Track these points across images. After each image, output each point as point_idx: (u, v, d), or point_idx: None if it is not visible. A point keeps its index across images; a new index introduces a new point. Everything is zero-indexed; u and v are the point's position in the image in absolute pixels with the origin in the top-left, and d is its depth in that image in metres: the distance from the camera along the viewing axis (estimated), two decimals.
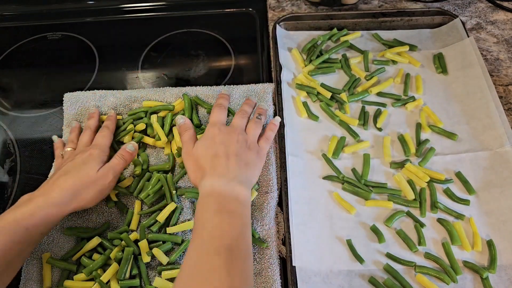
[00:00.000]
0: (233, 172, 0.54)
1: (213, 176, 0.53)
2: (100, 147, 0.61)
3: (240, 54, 0.83)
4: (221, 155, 0.55)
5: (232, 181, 0.53)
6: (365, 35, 0.80)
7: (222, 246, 0.46)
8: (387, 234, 0.58)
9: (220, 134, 0.58)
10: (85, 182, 0.56)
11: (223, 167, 0.54)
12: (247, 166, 0.56)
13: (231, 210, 0.50)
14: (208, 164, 0.55)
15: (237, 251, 0.46)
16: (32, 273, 0.56)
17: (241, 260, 0.46)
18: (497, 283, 0.53)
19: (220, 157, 0.55)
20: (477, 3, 0.85)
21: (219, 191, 0.51)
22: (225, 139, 0.58)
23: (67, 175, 0.56)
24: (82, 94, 0.72)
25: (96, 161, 0.58)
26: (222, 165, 0.54)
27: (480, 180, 0.61)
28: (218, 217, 0.49)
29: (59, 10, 0.94)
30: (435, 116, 0.68)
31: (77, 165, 0.57)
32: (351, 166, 0.64)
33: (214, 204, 0.50)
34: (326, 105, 0.70)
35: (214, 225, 0.48)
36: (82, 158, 0.58)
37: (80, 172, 0.56)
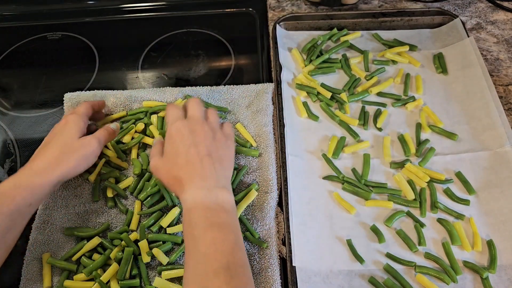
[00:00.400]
0: (211, 178, 0.51)
1: (191, 187, 0.50)
2: (76, 112, 0.61)
3: (240, 54, 0.83)
4: (193, 159, 0.51)
5: (213, 188, 0.50)
6: (365, 35, 0.80)
7: (219, 267, 0.44)
8: (387, 234, 0.58)
9: (184, 134, 0.53)
10: (65, 149, 0.56)
11: (199, 175, 0.51)
12: (221, 164, 0.53)
13: (220, 224, 0.48)
14: (183, 173, 0.51)
15: (235, 267, 0.45)
16: (32, 273, 0.56)
17: (240, 274, 0.45)
18: (497, 283, 0.53)
19: (193, 162, 0.51)
20: (477, 3, 0.85)
21: (204, 204, 0.49)
22: (192, 139, 0.53)
23: (47, 145, 0.57)
24: (82, 94, 0.72)
25: (73, 128, 0.58)
26: (197, 172, 0.51)
27: (480, 180, 0.61)
28: (209, 234, 0.47)
29: (59, 10, 0.94)
30: (435, 116, 0.68)
31: (56, 134, 0.58)
32: (351, 166, 0.64)
33: (201, 219, 0.48)
34: (326, 105, 0.70)
35: (207, 244, 0.46)
36: (59, 127, 0.59)
37: (59, 140, 0.57)
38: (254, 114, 0.69)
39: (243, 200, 0.59)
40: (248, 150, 0.64)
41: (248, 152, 0.64)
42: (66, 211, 0.61)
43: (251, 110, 0.69)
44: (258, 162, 0.64)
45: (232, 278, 0.44)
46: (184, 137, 0.53)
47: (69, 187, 0.63)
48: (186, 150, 0.52)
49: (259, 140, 0.66)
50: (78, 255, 0.57)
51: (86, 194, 0.63)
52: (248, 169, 0.64)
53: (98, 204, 0.62)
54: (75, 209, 0.61)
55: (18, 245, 0.60)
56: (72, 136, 0.58)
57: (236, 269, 0.45)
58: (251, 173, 0.63)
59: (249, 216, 0.59)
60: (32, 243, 0.58)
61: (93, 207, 0.62)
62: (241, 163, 0.64)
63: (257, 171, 0.63)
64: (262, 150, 0.65)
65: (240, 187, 0.62)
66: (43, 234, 0.59)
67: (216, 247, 0.46)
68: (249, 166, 0.64)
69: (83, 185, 0.64)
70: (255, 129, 0.67)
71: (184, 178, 0.51)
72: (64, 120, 0.59)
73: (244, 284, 0.45)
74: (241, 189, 0.62)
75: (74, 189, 0.63)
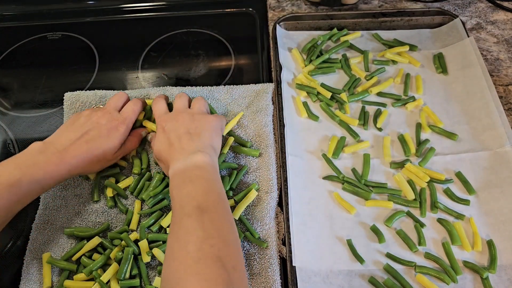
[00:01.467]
0: (188, 149, 0.55)
1: (173, 163, 0.55)
2: (128, 122, 0.62)
3: (240, 54, 0.83)
4: (174, 141, 0.57)
5: (188, 156, 0.54)
6: (365, 35, 0.80)
7: (190, 209, 0.48)
8: (387, 234, 0.58)
9: (167, 125, 0.59)
10: (100, 158, 0.59)
11: (179, 151, 0.55)
12: (199, 136, 0.57)
13: (192, 178, 0.52)
14: (167, 155, 0.56)
15: (206, 205, 0.49)
16: (32, 273, 0.56)
17: (211, 210, 0.48)
18: (497, 283, 0.53)
19: (173, 144, 0.56)
20: (477, 3, 0.85)
21: (180, 170, 0.53)
22: (173, 126, 0.59)
23: (88, 144, 0.57)
24: (82, 93, 0.72)
25: (119, 139, 0.60)
26: (177, 149, 0.56)
27: (480, 180, 0.61)
28: (184, 189, 0.51)
29: (59, 10, 0.94)
30: (435, 116, 0.68)
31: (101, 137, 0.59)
32: (351, 166, 0.64)
33: (178, 181, 0.52)
34: (326, 105, 0.70)
35: (181, 196, 0.50)
36: (107, 129, 0.60)
37: (100, 147, 0.58)
38: (254, 114, 0.69)
39: (243, 200, 0.59)
40: (249, 150, 0.64)
41: (249, 152, 0.64)
42: (66, 211, 0.61)
43: (251, 110, 0.69)
44: (258, 162, 0.64)
45: (203, 216, 0.47)
46: (166, 128, 0.59)
47: (69, 187, 0.63)
48: (168, 137, 0.58)
49: (259, 140, 0.66)
50: (78, 255, 0.57)
51: (86, 194, 0.63)
52: (248, 169, 0.64)
53: (98, 204, 0.62)
54: (75, 209, 0.61)
55: (18, 245, 0.61)
56: (113, 149, 0.60)
57: (207, 207, 0.48)
58: (251, 173, 0.63)
59: (249, 216, 0.59)
60: (32, 243, 0.58)
61: (93, 207, 0.62)
62: (241, 163, 0.64)
63: (257, 171, 0.63)
64: (262, 150, 0.65)
65: (240, 187, 0.62)
66: (43, 234, 0.59)
67: (189, 195, 0.50)
68: (249, 166, 0.64)
69: (83, 185, 0.64)
70: (255, 129, 0.67)
71: (168, 160, 0.56)
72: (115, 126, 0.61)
73: (219, 216, 0.49)
74: (241, 189, 0.62)
75: (74, 189, 0.63)
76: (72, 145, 0.56)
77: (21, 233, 0.62)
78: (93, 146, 0.58)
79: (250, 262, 0.56)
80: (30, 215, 0.62)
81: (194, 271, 0.43)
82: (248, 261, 0.56)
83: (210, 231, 0.46)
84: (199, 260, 0.43)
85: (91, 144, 0.57)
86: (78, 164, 0.56)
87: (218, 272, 0.43)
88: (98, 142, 0.58)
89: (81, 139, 0.57)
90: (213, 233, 0.46)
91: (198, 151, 0.55)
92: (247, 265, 0.56)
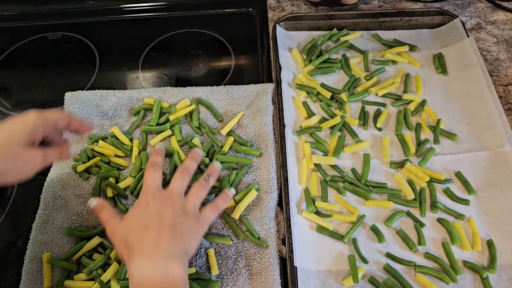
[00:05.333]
0: (164, 248, 0.46)
1: (140, 258, 0.46)
2: (41, 112, 0.53)
3: (240, 54, 0.83)
4: (153, 227, 0.48)
5: (164, 260, 0.46)
6: (365, 35, 0.80)
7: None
8: (387, 234, 0.58)
9: (154, 203, 0.50)
10: (4, 151, 0.48)
11: (152, 244, 0.46)
12: (182, 237, 0.49)
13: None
14: (137, 240, 0.47)
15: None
16: (32, 273, 0.56)
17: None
18: (497, 283, 0.53)
19: (151, 230, 0.47)
20: (477, 3, 0.85)
21: (151, 280, 0.44)
22: (159, 208, 0.50)
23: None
24: (83, 93, 0.72)
25: (29, 127, 0.50)
26: (151, 240, 0.47)
27: (480, 180, 0.62)
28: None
29: (59, 10, 0.94)
30: (435, 116, 0.68)
31: (1, 125, 0.50)
32: (351, 166, 0.64)
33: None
34: (326, 105, 0.70)
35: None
36: (11, 118, 0.50)
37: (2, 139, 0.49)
38: (254, 114, 0.69)
39: (243, 200, 0.59)
40: (249, 149, 0.64)
41: (249, 151, 0.64)
42: (66, 211, 0.61)
43: (251, 110, 0.69)
44: (258, 162, 0.64)
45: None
46: (150, 206, 0.50)
47: (69, 187, 0.63)
48: (148, 218, 0.49)
49: (259, 140, 0.66)
50: (78, 255, 0.57)
51: (86, 194, 0.63)
52: (248, 169, 0.64)
53: None
54: (75, 209, 0.61)
55: (18, 245, 0.60)
56: (19, 141, 0.49)
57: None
58: (251, 173, 0.63)
59: (249, 216, 0.59)
60: (32, 243, 0.58)
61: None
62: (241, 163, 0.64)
63: (257, 171, 0.63)
64: (262, 150, 0.65)
65: (240, 187, 0.62)
66: (43, 234, 0.59)
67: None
68: (249, 166, 0.64)
69: (83, 185, 0.64)
70: (255, 129, 0.67)
71: (135, 245, 0.47)
72: (21, 115, 0.51)
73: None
74: (241, 189, 0.62)
75: (74, 189, 0.63)
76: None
77: (21, 233, 0.62)
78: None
79: (250, 262, 0.56)
80: (30, 215, 0.62)
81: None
82: (248, 261, 0.56)
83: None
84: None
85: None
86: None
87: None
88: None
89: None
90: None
91: (177, 258, 0.46)
92: (247, 265, 0.56)
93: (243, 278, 0.55)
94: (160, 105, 0.70)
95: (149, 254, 0.46)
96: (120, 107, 0.71)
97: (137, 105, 0.71)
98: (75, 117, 0.57)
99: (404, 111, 0.69)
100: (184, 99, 0.70)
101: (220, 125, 0.69)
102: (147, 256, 0.46)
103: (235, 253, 0.57)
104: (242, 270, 0.55)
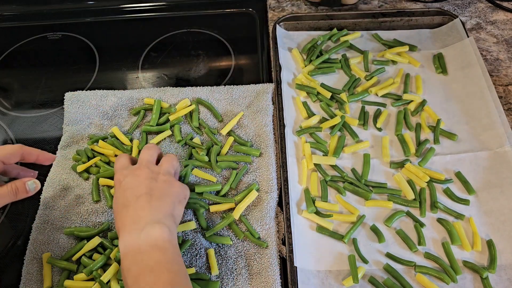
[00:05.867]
0: (143, 217, 0.47)
1: (123, 233, 0.47)
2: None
3: (240, 54, 0.83)
4: (130, 202, 0.49)
5: (144, 228, 0.46)
6: (365, 35, 0.80)
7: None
8: (387, 234, 0.58)
9: (125, 179, 0.51)
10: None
11: (131, 219, 0.47)
12: (160, 200, 0.49)
13: (152, 266, 0.44)
14: (119, 221, 0.49)
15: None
16: (32, 273, 0.56)
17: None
18: (497, 283, 0.53)
19: (128, 206, 0.49)
20: (477, 3, 0.85)
21: (134, 248, 0.45)
22: (131, 182, 0.51)
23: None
24: (83, 93, 0.72)
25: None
26: (130, 216, 0.48)
27: (479, 180, 0.62)
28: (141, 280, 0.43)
29: (59, 10, 0.94)
30: (435, 116, 0.68)
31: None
32: (351, 166, 0.64)
33: (132, 265, 0.45)
34: (326, 105, 0.70)
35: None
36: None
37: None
38: (254, 114, 0.69)
39: (243, 200, 0.59)
40: (249, 149, 0.64)
41: (249, 151, 0.64)
42: (66, 211, 0.61)
43: (251, 110, 0.69)
44: (258, 162, 0.64)
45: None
46: (122, 184, 0.51)
47: (69, 187, 0.63)
48: (123, 195, 0.50)
49: (259, 140, 0.66)
50: (78, 255, 0.57)
51: (86, 194, 0.63)
52: (248, 169, 0.64)
53: (98, 204, 0.62)
54: (75, 209, 0.61)
55: (18, 245, 0.61)
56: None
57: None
58: (251, 173, 0.63)
59: (249, 216, 0.59)
60: (32, 243, 0.58)
61: (93, 207, 0.61)
62: (241, 163, 0.64)
63: (257, 171, 0.63)
64: (262, 150, 0.65)
65: (240, 187, 0.62)
66: (43, 234, 0.59)
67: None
68: (249, 166, 0.64)
69: (83, 185, 0.64)
70: (255, 129, 0.67)
71: (120, 227, 0.48)
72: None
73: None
74: (241, 189, 0.62)
75: (74, 189, 0.63)
76: None
77: (21, 233, 0.62)
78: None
79: (250, 262, 0.56)
80: (30, 215, 0.62)
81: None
82: (248, 261, 0.56)
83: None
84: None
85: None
86: None
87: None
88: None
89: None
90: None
91: (158, 221, 0.47)
92: (247, 265, 0.56)
93: (243, 278, 0.55)
94: (160, 105, 0.70)
95: (130, 228, 0.47)
96: (120, 107, 0.71)
97: (137, 105, 0.71)
98: (31, 149, 0.57)
99: (404, 111, 0.69)
100: (184, 99, 0.70)
101: (220, 125, 0.69)
102: (128, 230, 0.47)
103: (235, 253, 0.57)
104: (242, 270, 0.55)
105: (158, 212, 0.48)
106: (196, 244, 0.57)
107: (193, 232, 0.58)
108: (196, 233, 0.58)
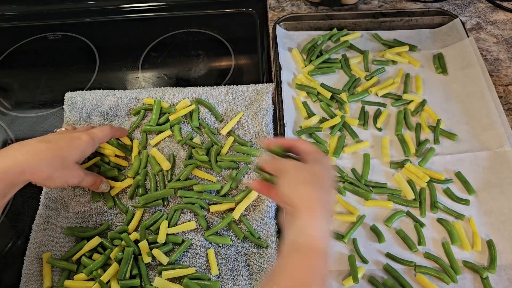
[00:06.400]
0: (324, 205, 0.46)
1: (312, 212, 0.45)
2: (93, 135, 0.59)
3: (240, 54, 0.83)
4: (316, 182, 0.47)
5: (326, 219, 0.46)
6: (365, 35, 0.80)
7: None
8: (387, 234, 0.58)
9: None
10: (58, 166, 0.54)
11: (319, 199, 0.46)
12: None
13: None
14: (307, 197, 0.46)
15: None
16: (32, 273, 0.56)
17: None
18: (497, 283, 0.53)
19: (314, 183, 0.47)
20: (477, 3, 0.85)
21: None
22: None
23: (48, 143, 0.54)
24: (83, 93, 0.72)
25: (80, 148, 0.57)
26: (319, 197, 0.46)
27: (479, 180, 0.62)
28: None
29: (59, 10, 0.94)
30: (435, 116, 0.68)
31: (62, 140, 0.55)
32: (351, 166, 0.64)
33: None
34: (326, 105, 0.70)
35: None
36: (69, 137, 0.57)
37: (60, 150, 0.55)
38: (254, 114, 0.69)
39: (243, 200, 0.59)
40: (249, 149, 0.64)
41: (249, 151, 0.64)
42: (66, 211, 0.61)
43: (251, 110, 0.69)
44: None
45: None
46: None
47: (69, 187, 0.63)
48: (312, 172, 0.48)
49: (259, 140, 0.66)
50: (78, 255, 0.57)
51: (86, 194, 0.63)
52: (248, 169, 0.64)
53: (98, 204, 0.62)
54: (75, 209, 0.61)
55: (18, 245, 0.60)
56: (73, 155, 0.56)
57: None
58: (251, 173, 0.63)
59: (249, 216, 0.59)
60: (32, 243, 0.58)
61: (93, 207, 0.61)
62: (241, 163, 0.64)
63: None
64: (262, 150, 0.65)
65: (240, 187, 0.62)
66: (43, 234, 0.59)
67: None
68: (249, 166, 0.64)
69: None
70: (255, 129, 0.67)
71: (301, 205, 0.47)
72: (77, 135, 0.57)
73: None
74: (241, 189, 0.62)
75: (74, 189, 0.63)
76: (31, 144, 0.54)
77: (21, 233, 0.62)
78: (52, 147, 0.54)
79: (250, 262, 0.56)
80: (30, 215, 0.62)
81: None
82: (248, 261, 0.56)
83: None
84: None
85: (50, 144, 0.54)
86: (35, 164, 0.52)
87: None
88: (58, 144, 0.55)
89: (41, 142, 0.54)
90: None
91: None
92: (247, 265, 0.56)
93: (243, 278, 0.55)
94: (160, 105, 0.70)
95: (318, 210, 0.45)
96: (120, 107, 0.71)
97: (137, 105, 0.71)
98: (115, 130, 0.64)
99: (404, 111, 0.69)
100: (184, 99, 0.70)
101: (220, 125, 0.69)
102: (317, 214, 0.45)
103: (235, 253, 0.57)
104: (242, 270, 0.55)
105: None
106: (196, 244, 0.57)
107: (193, 232, 0.58)
108: (196, 233, 0.58)
